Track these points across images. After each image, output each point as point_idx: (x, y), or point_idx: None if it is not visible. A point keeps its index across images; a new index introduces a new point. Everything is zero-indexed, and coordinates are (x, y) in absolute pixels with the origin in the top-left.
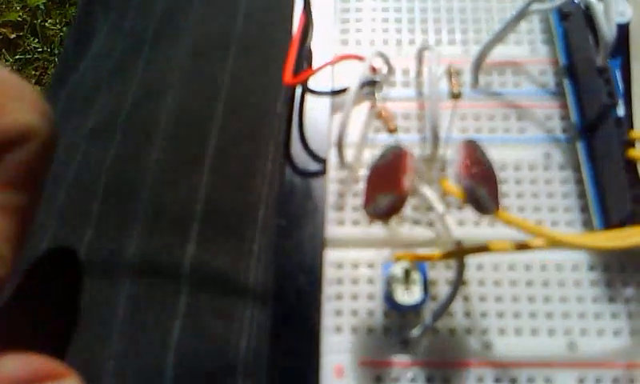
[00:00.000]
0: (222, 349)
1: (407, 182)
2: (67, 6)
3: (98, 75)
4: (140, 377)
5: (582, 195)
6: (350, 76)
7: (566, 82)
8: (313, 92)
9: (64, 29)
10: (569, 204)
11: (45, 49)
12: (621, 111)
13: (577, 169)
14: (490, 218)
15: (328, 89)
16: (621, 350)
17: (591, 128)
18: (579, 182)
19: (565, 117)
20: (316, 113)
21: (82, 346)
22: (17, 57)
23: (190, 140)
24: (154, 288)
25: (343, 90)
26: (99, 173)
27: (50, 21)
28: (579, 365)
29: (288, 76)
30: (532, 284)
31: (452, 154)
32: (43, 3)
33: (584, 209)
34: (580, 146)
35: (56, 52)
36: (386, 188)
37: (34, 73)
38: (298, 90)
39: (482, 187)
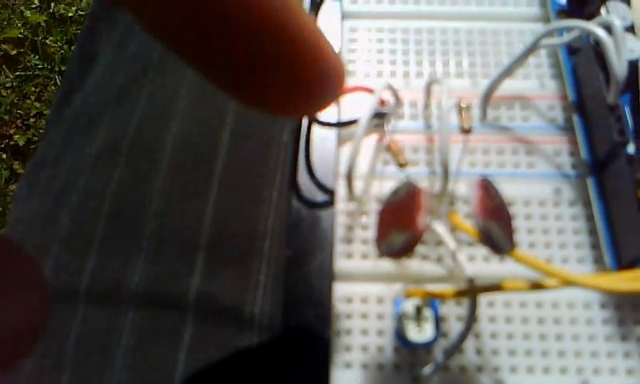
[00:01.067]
0: (227, 383)
1: (422, 221)
2: (68, 23)
3: (102, 98)
4: None
5: (592, 232)
6: (357, 108)
7: (576, 118)
8: (320, 123)
9: (64, 46)
10: (579, 240)
11: (45, 66)
12: (631, 149)
13: (587, 205)
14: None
15: (335, 120)
16: None
17: (602, 165)
18: (590, 218)
19: (574, 152)
20: (323, 143)
21: (82, 375)
22: (17, 73)
23: (195, 168)
24: (158, 319)
25: (350, 122)
26: (103, 198)
27: (50, 38)
28: None
29: None
30: (544, 322)
31: (462, 188)
32: (44, 20)
33: (595, 245)
34: (590, 183)
35: (56, 69)
36: (400, 226)
37: (33, 89)
38: (305, 121)
39: (497, 228)
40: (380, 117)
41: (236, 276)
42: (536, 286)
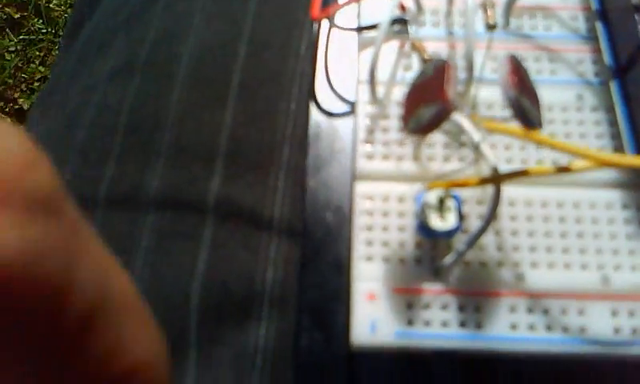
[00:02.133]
0: (248, 279)
1: (451, 91)
2: None
3: (114, 22)
4: (164, 304)
5: (614, 136)
6: (377, 13)
7: (599, 25)
8: (340, 28)
9: (68, 10)
10: (602, 144)
11: (49, 30)
12: None
13: (610, 111)
14: (522, 152)
15: (355, 26)
16: None
17: (626, 68)
18: (612, 123)
19: (597, 61)
20: (342, 50)
21: None
22: (21, 37)
23: (212, 79)
24: (178, 220)
25: (371, 27)
26: (119, 112)
27: (54, 2)
28: (613, 297)
29: (316, 10)
30: (565, 220)
31: (484, 93)
32: None
33: (618, 149)
34: (614, 87)
35: (60, 34)
36: (429, 99)
37: (37, 53)
38: (324, 28)
39: (527, 99)
40: (401, 23)
41: (255, 181)
42: (563, 170)
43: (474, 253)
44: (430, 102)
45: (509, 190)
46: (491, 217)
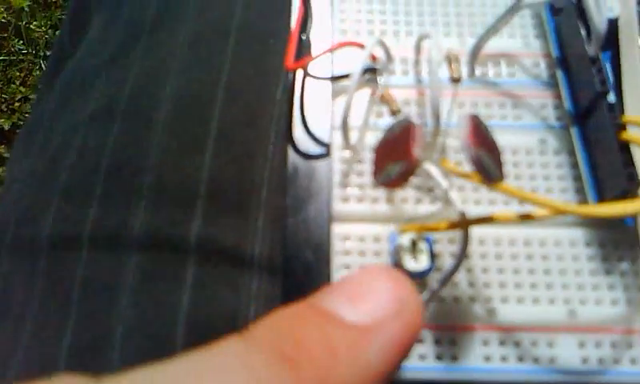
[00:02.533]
0: (231, 316)
1: (417, 150)
2: (53, 8)
3: (95, 62)
4: (150, 343)
5: (577, 178)
6: (350, 63)
7: (559, 73)
8: (314, 77)
9: (49, 31)
10: (564, 186)
11: (29, 50)
12: (611, 98)
13: (571, 153)
14: (489, 194)
15: (328, 75)
16: (618, 318)
17: (585, 114)
18: (574, 165)
19: (558, 105)
20: (317, 98)
21: (89, 313)
22: (1, 58)
23: (191, 124)
24: (161, 261)
25: (344, 76)
26: (101, 155)
27: (34, 23)
28: (580, 329)
29: (290, 61)
30: (532, 258)
31: (452, 141)
32: (28, 5)
33: (579, 190)
34: (574, 132)
35: (41, 54)
36: (396, 157)
37: (18, 74)
38: (299, 77)
39: (487, 156)
40: (372, 72)
41: (235, 221)
42: (526, 217)
43: (448, 290)
44: (397, 160)
45: (478, 230)
46: (462, 258)
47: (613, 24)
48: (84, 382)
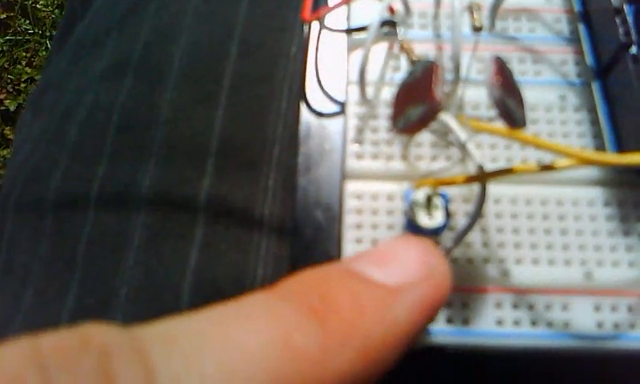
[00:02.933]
0: (238, 276)
1: (439, 92)
2: None
3: (107, 20)
4: (156, 300)
5: (596, 136)
6: (367, 15)
7: (581, 27)
8: (330, 29)
9: (55, 11)
10: (584, 143)
11: (36, 31)
12: (634, 50)
13: (591, 111)
14: (507, 151)
15: (345, 27)
16: (636, 280)
17: (607, 69)
18: (594, 122)
19: (579, 62)
20: (333, 52)
21: (94, 273)
22: (7, 37)
23: (203, 79)
24: (169, 219)
25: (361, 29)
26: (111, 111)
27: (41, 2)
28: (596, 292)
29: (306, 12)
30: (548, 217)
31: (471, 91)
32: None
33: (599, 148)
34: (596, 88)
35: (47, 34)
36: (418, 100)
37: (24, 54)
38: (314, 29)
39: (511, 99)
40: (390, 25)
41: (246, 180)
42: (547, 168)
43: (461, 250)
44: (418, 103)
45: (494, 188)
46: (477, 214)
47: None
48: (113, 331)
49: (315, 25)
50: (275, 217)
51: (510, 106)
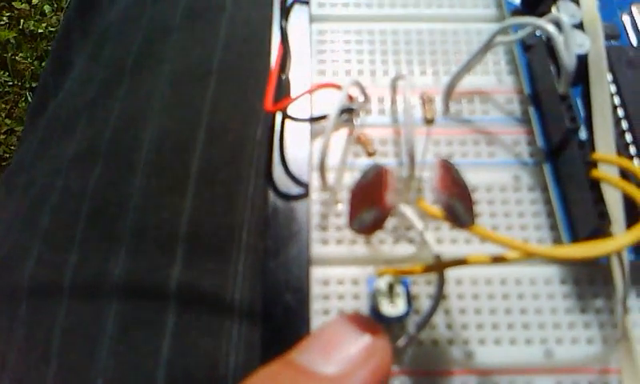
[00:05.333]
0: (211, 365)
1: (389, 197)
2: (38, 40)
3: (77, 103)
4: None
5: (550, 214)
6: (328, 104)
7: (531, 110)
8: (293, 119)
9: (35, 63)
10: (539, 222)
11: (15, 82)
12: (583, 135)
13: (545, 190)
14: (466, 233)
15: (307, 116)
16: (594, 357)
17: (556, 151)
18: (547, 202)
19: (531, 142)
20: (296, 139)
21: (69, 365)
22: None
23: (172, 166)
24: (141, 308)
25: (322, 117)
26: (82, 198)
27: (20, 55)
28: (556, 370)
29: (269, 103)
30: (508, 297)
31: (428, 176)
32: (14, 37)
33: (553, 227)
34: (547, 169)
35: (27, 86)
36: (370, 204)
37: (4, 106)
38: (278, 118)
39: (457, 202)
40: (350, 112)
41: (215, 266)
42: (498, 260)
43: (427, 332)
44: (371, 207)
45: (455, 270)
46: (438, 300)
47: (583, 59)
48: None
49: (279, 113)
50: (246, 301)
51: (456, 209)
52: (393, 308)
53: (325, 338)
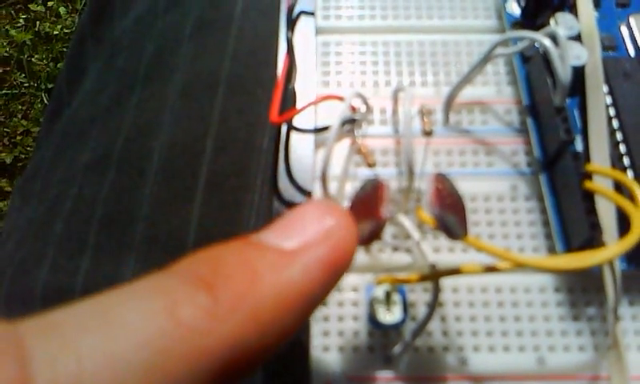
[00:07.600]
0: None
1: (385, 211)
2: (54, 41)
3: (91, 112)
4: None
5: (546, 223)
6: (332, 115)
7: (529, 121)
8: (297, 129)
9: (50, 64)
10: (534, 231)
11: (31, 84)
12: (579, 146)
13: (541, 199)
14: (460, 243)
15: (311, 127)
16: (586, 364)
17: (552, 162)
18: (543, 211)
19: (529, 152)
20: (301, 149)
21: None
22: (3, 92)
23: (181, 175)
24: None
25: (325, 128)
26: (95, 205)
27: (36, 56)
28: (548, 378)
29: (274, 115)
30: (503, 305)
31: (426, 186)
32: (29, 39)
33: (548, 236)
34: (543, 179)
35: (43, 87)
36: (367, 216)
37: (20, 107)
38: (284, 128)
39: (450, 215)
40: (352, 123)
41: None
42: (490, 269)
43: (423, 338)
44: (368, 219)
45: (451, 278)
46: (434, 308)
47: (580, 71)
48: None
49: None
50: None
51: (447, 222)
52: (389, 315)
53: (287, 219)
